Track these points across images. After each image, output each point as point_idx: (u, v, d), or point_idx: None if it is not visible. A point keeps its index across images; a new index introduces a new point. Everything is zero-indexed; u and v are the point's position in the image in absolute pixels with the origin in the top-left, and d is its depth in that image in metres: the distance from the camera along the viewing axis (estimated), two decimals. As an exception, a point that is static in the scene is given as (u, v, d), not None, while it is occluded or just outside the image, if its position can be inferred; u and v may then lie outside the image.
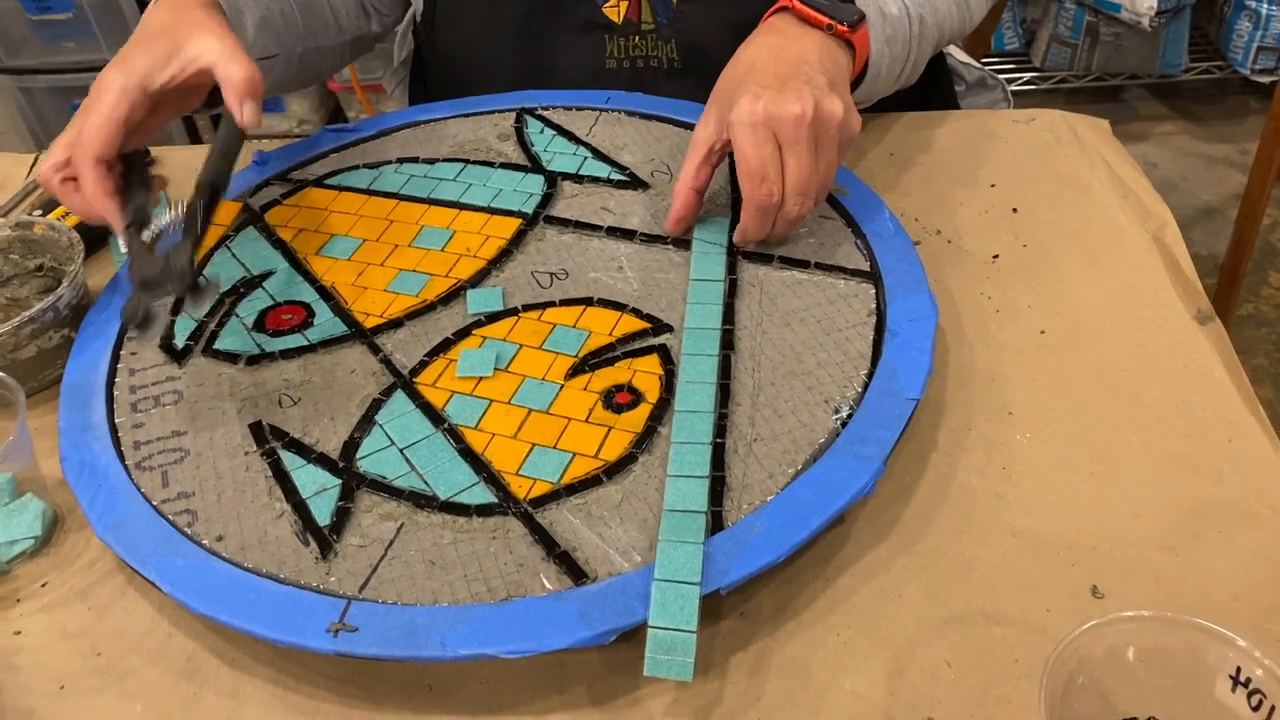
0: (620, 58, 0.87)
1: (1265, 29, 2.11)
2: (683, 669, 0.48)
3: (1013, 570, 0.55)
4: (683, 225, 0.70)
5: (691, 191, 0.68)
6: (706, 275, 0.67)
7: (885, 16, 0.78)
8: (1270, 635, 0.51)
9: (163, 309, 0.65)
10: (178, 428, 0.62)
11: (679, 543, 0.52)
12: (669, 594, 0.50)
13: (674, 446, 0.58)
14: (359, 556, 0.54)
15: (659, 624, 0.49)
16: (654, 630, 0.49)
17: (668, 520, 0.54)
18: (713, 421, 0.59)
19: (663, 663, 0.48)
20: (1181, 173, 2.17)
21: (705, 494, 0.55)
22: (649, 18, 0.84)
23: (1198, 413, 0.62)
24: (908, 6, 0.79)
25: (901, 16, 0.79)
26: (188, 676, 0.54)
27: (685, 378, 0.61)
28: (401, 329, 0.67)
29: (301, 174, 0.81)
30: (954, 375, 0.65)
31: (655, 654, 0.49)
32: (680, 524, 0.53)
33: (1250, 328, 1.83)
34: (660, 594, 0.50)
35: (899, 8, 0.78)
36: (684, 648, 0.49)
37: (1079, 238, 0.75)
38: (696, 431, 0.58)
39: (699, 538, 0.53)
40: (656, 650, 0.49)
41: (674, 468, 0.57)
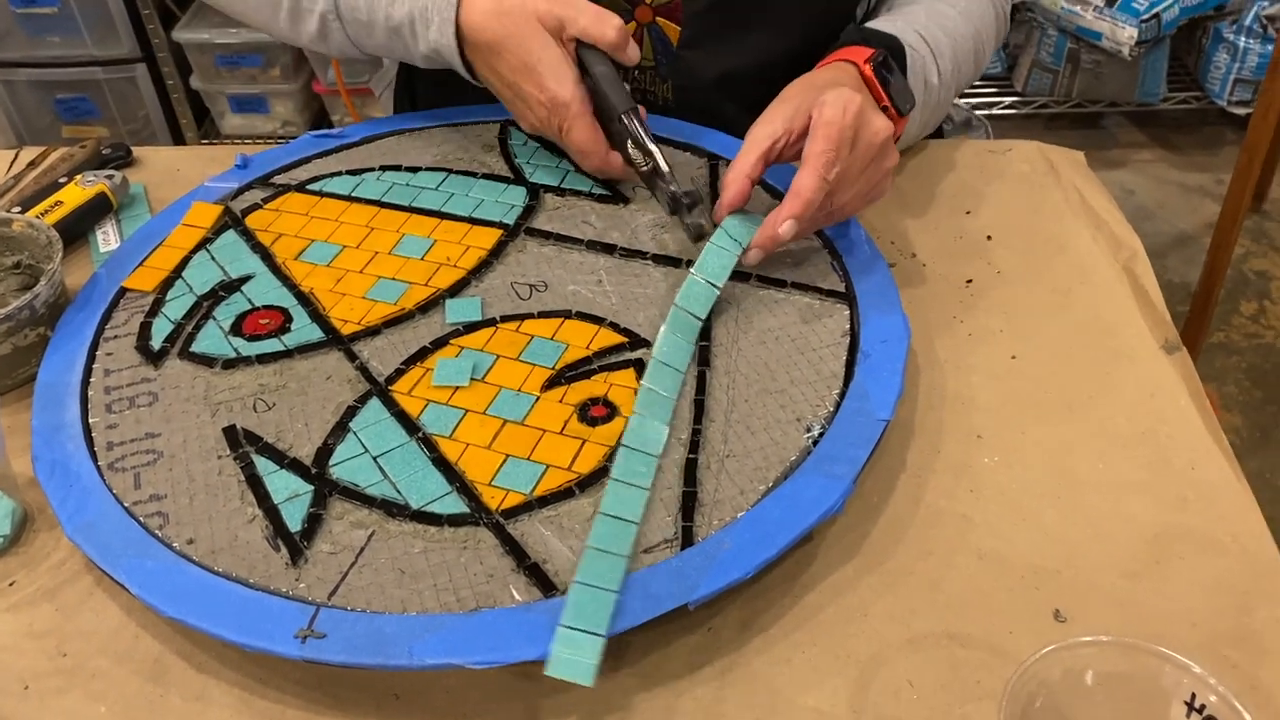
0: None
1: (1242, 62, 2.14)
2: (585, 672, 0.49)
3: (977, 592, 0.56)
4: (793, 231, 0.67)
5: (747, 180, 0.68)
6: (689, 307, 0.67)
7: (928, 87, 0.79)
8: (1228, 662, 0.52)
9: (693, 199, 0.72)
10: (151, 429, 0.62)
11: (604, 552, 0.53)
12: (585, 597, 0.51)
13: (622, 450, 0.58)
14: (329, 563, 0.54)
15: (570, 624, 0.50)
16: (564, 629, 0.50)
17: (600, 525, 0.54)
18: (665, 433, 0.59)
19: (566, 662, 0.49)
20: (1158, 200, 2.19)
21: (642, 505, 0.56)
22: (649, 55, 0.85)
23: (1163, 440, 0.63)
24: (942, 74, 0.80)
25: (938, 86, 0.80)
26: (154, 679, 0.54)
27: (648, 383, 0.62)
28: (379, 336, 0.67)
29: (284, 179, 0.81)
30: (924, 397, 0.66)
31: (560, 652, 0.49)
32: (612, 532, 0.54)
33: (1221, 356, 1.85)
34: (577, 596, 0.51)
35: (938, 78, 0.80)
36: (590, 651, 0.49)
37: (1051, 266, 0.76)
38: (648, 440, 0.59)
39: (625, 550, 0.53)
40: (563, 649, 0.49)
41: (618, 471, 0.57)
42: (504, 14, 0.72)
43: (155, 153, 0.91)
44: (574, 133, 0.74)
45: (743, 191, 0.68)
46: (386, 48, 0.80)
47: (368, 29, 0.79)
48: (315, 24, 0.80)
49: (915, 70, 0.77)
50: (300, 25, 0.81)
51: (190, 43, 2.15)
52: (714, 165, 0.80)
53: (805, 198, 0.65)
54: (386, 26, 0.77)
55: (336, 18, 0.79)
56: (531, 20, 0.72)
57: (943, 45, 0.80)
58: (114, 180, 0.83)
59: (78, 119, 2.24)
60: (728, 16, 0.83)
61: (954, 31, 0.82)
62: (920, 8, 0.83)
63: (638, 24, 0.84)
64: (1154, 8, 2.07)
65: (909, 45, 0.76)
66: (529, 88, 0.73)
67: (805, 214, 0.66)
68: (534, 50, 0.72)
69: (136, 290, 0.72)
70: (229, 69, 2.20)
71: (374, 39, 0.80)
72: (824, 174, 0.65)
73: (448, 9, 0.74)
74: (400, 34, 0.77)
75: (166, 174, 0.88)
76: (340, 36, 0.81)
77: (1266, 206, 2.16)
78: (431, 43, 0.76)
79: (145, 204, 0.85)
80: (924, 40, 0.79)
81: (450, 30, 0.74)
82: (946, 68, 0.80)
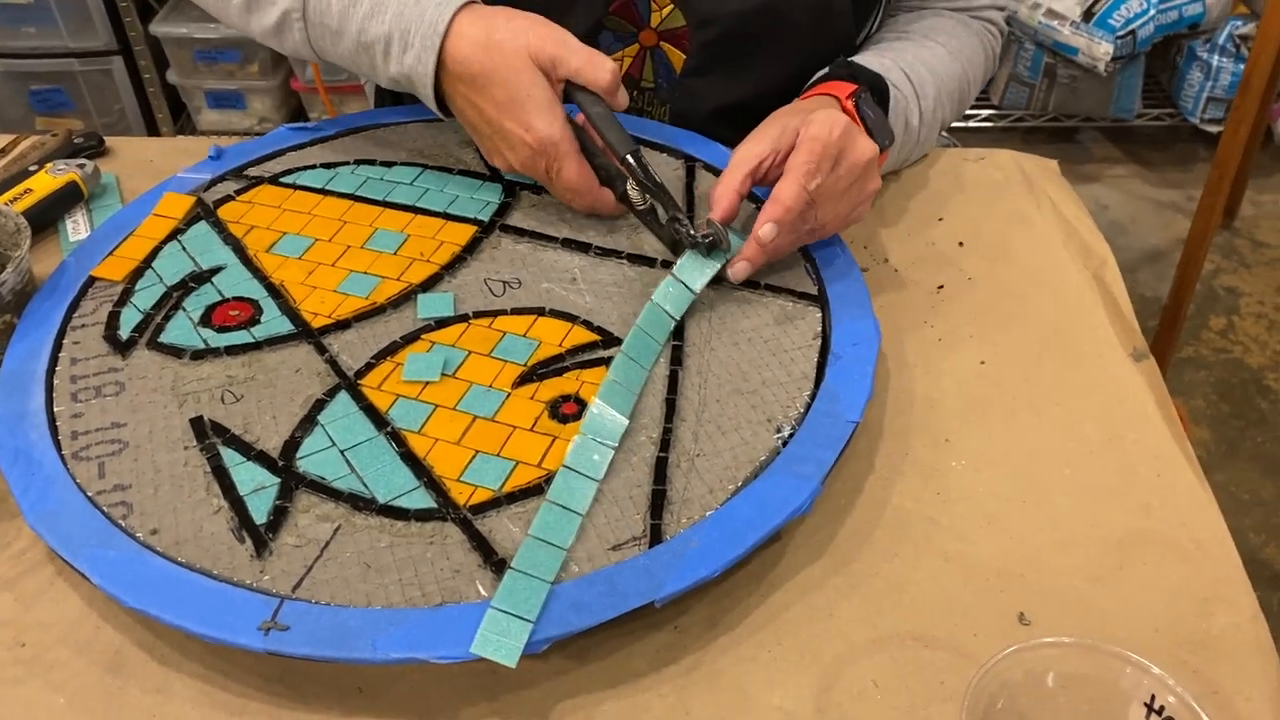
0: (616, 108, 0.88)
1: (1215, 80, 2.17)
2: (509, 652, 0.49)
3: (942, 594, 0.56)
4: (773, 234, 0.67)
5: (736, 195, 0.68)
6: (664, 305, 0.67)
7: (908, 127, 0.79)
8: (1188, 666, 0.53)
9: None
10: (117, 419, 0.61)
11: (545, 543, 0.53)
12: (519, 583, 0.51)
13: (578, 439, 0.58)
14: (294, 556, 0.54)
15: (500, 607, 0.50)
16: (494, 611, 0.50)
17: (545, 513, 0.55)
18: (624, 426, 0.59)
19: (492, 641, 0.49)
20: (1131, 215, 2.22)
21: (590, 497, 0.56)
22: (650, 77, 0.85)
23: (1129, 447, 0.64)
24: (923, 114, 0.80)
25: (918, 126, 0.80)
26: (114, 670, 0.53)
27: (613, 376, 0.62)
28: (349, 330, 0.67)
29: (257, 171, 0.81)
30: (894, 400, 0.66)
31: (488, 633, 0.49)
32: (555, 521, 0.54)
33: (1190, 370, 1.87)
34: (511, 581, 0.51)
35: (918, 118, 0.80)
36: (517, 633, 0.50)
37: (1022, 273, 0.76)
38: (605, 431, 0.59)
39: (566, 542, 0.54)
40: (490, 630, 0.49)
41: (571, 459, 0.57)
42: (493, 47, 0.69)
43: (128, 143, 0.90)
44: (564, 172, 0.71)
45: (732, 207, 0.68)
46: (349, 60, 0.76)
47: (335, 37, 0.75)
48: (274, 18, 0.76)
49: (897, 111, 0.77)
50: (256, 16, 0.77)
51: (168, 37, 2.13)
52: (691, 167, 0.80)
53: (786, 204, 0.66)
54: (357, 41, 0.73)
55: (301, 18, 0.75)
56: (523, 55, 0.69)
57: (927, 85, 0.81)
58: (85, 169, 0.82)
59: (52, 111, 2.22)
60: (736, 48, 0.83)
61: (940, 71, 0.82)
62: (910, 45, 0.83)
63: (641, 47, 0.83)
64: (1130, 25, 2.09)
65: (893, 84, 0.77)
66: (512, 125, 0.70)
67: (785, 219, 0.66)
68: (523, 86, 0.69)
69: (105, 279, 0.71)
70: (207, 64, 2.18)
71: (338, 49, 0.75)
72: (805, 183, 0.66)
73: (432, 36, 0.70)
74: (370, 51, 0.73)
75: (139, 165, 0.88)
76: (300, 37, 0.77)
77: (1237, 223, 2.19)
78: (406, 67, 0.72)
79: (117, 194, 0.84)
80: (909, 79, 0.80)
81: (432, 59, 0.70)
82: (928, 106, 0.81)
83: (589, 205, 0.73)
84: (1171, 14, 2.12)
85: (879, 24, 0.88)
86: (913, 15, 0.88)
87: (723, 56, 0.83)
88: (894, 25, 0.88)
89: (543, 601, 0.51)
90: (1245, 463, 1.71)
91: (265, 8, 0.77)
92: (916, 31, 0.85)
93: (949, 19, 0.87)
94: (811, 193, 0.66)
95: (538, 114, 0.69)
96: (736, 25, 0.81)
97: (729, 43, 0.82)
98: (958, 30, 0.86)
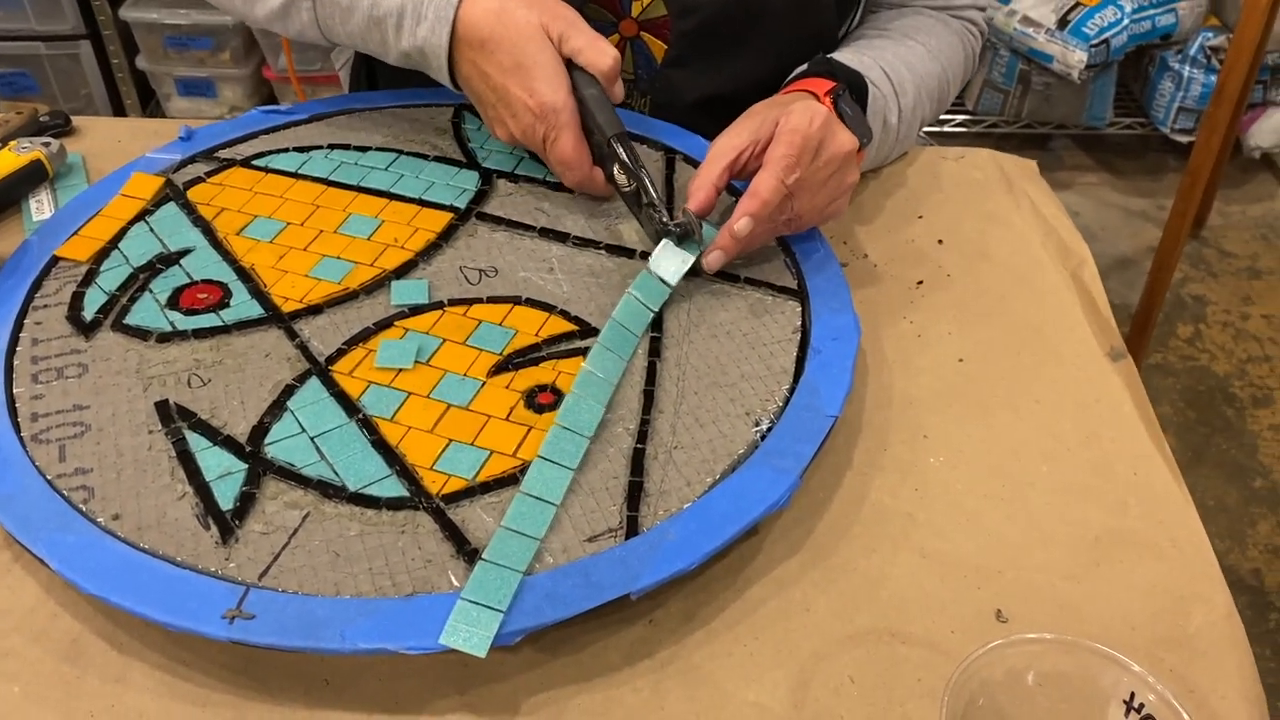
0: None
1: (1186, 91, 2.19)
2: (479, 643, 0.48)
3: (920, 590, 0.56)
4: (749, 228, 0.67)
5: (713, 188, 0.68)
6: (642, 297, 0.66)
7: (886, 125, 0.79)
8: (1164, 664, 0.53)
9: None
10: (80, 401, 0.60)
11: (518, 534, 0.53)
12: (490, 574, 0.51)
13: (554, 429, 0.57)
14: (261, 543, 0.52)
15: (470, 598, 0.49)
16: (464, 602, 0.49)
17: (518, 504, 0.54)
18: (600, 414, 0.59)
19: (461, 632, 0.48)
20: (1101, 222, 2.23)
21: (564, 487, 0.55)
22: (630, 68, 0.84)
23: (1106, 446, 0.63)
24: (901, 112, 0.80)
25: (896, 125, 0.80)
26: (71, 659, 0.52)
27: (589, 366, 0.61)
28: (321, 315, 0.65)
29: (229, 153, 0.79)
30: (873, 396, 0.66)
31: (457, 623, 0.48)
32: (529, 511, 0.54)
33: (1158, 377, 1.89)
34: (482, 572, 0.51)
35: (897, 116, 0.79)
36: (487, 623, 0.49)
37: (1001, 271, 0.76)
38: (581, 421, 0.58)
39: (539, 532, 0.53)
40: (460, 620, 0.49)
41: (546, 449, 0.57)
42: (506, 15, 0.70)
43: (95, 123, 0.88)
44: (560, 143, 0.70)
45: (708, 199, 0.68)
46: (359, 37, 0.76)
47: (345, 14, 0.75)
48: (280, 0, 0.76)
49: (875, 109, 0.77)
50: (260, 1, 0.77)
51: (138, 21, 2.10)
52: (670, 159, 0.79)
53: (763, 197, 0.65)
54: (369, 16, 0.73)
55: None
56: (535, 25, 0.70)
57: (906, 84, 0.80)
58: (51, 148, 0.80)
59: (17, 95, 2.18)
60: (717, 39, 0.82)
61: (920, 71, 0.82)
62: (890, 43, 0.83)
63: (621, 37, 0.83)
64: (1104, 33, 2.10)
65: (872, 83, 0.76)
66: (517, 90, 0.70)
67: (762, 213, 0.66)
68: (530, 53, 0.69)
69: (70, 260, 0.69)
70: (177, 50, 2.15)
71: (347, 26, 0.76)
72: (782, 177, 0.65)
73: (446, 7, 0.71)
74: (382, 25, 0.73)
75: (107, 144, 0.86)
76: (308, 18, 0.77)
77: (1205, 233, 2.21)
78: (419, 39, 0.72)
79: (83, 174, 0.82)
80: (888, 78, 0.79)
81: (446, 30, 0.71)
82: (907, 105, 0.80)
83: (580, 180, 0.73)
84: (1145, 24, 2.14)
85: (860, 19, 0.88)
86: (893, 13, 0.87)
87: (703, 47, 0.82)
88: (874, 22, 0.87)
89: (514, 592, 0.50)
90: (1210, 469, 1.73)
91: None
92: (897, 30, 0.85)
93: (929, 18, 0.87)
94: (790, 186, 0.66)
95: (543, 80, 0.69)
96: (717, 15, 0.80)
97: (709, 33, 0.81)
98: (938, 29, 0.86)
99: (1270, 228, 2.24)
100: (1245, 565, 1.58)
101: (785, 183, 0.65)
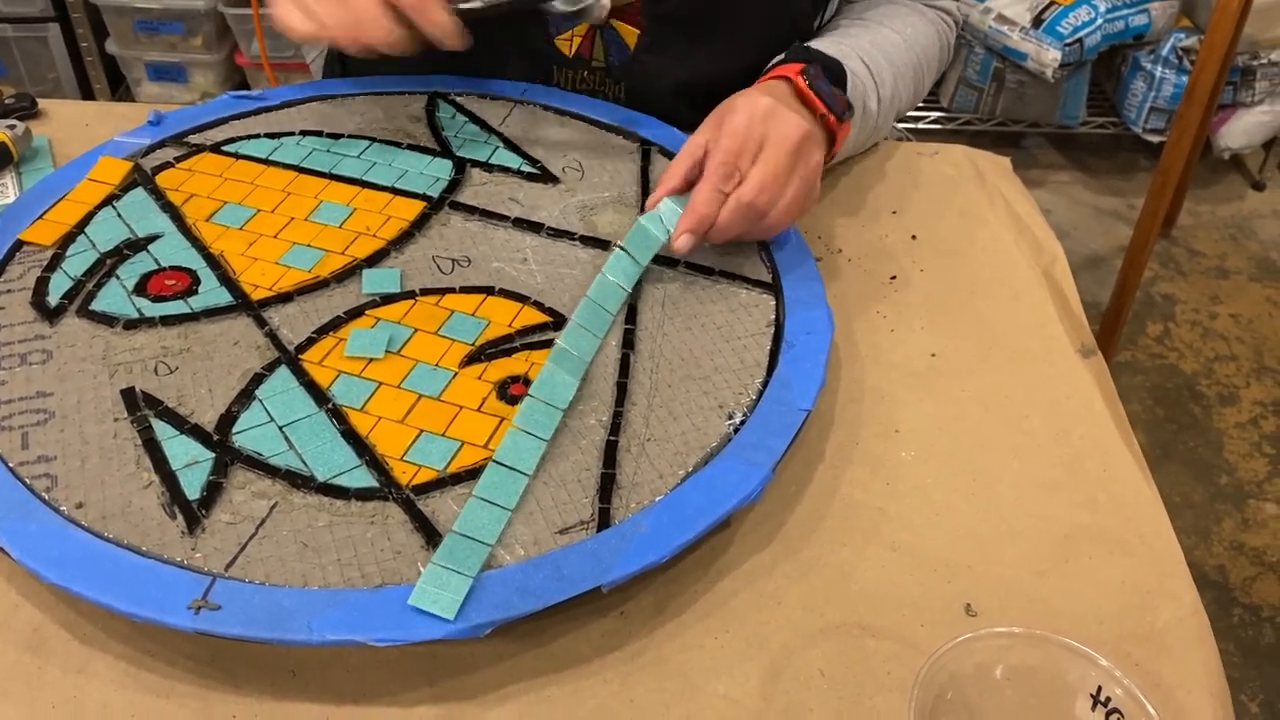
0: (566, 88, 0.86)
1: (1158, 91, 2.21)
2: (448, 605, 0.48)
3: (890, 584, 0.56)
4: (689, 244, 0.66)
5: (682, 179, 0.67)
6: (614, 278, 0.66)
7: (866, 112, 0.78)
8: (1130, 659, 0.53)
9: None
10: (43, 388, 0.59)
11: (489, 503, 0.53)
12: (460, 545, 0.51)
13: (528, 401, 0.58)
14: (227, 533, 0.52)
15: (441, 563, 0.50)
16: (434, 566, 0.50)
17: (490, 473, 0.54)
18: (575, 388, 0.59)
19: (430, 594, 0.49)
20: (1073, 221, 2.25)
21: (537, 457, 0.55)
22: (600, 56, 0.84)
23: (1076, 442, 0.64)
24: (880, 100, 0.80)
25: (875, 111, 0.80)
26: (32, 650, 0.51)
27: (562, 342, 0.61)
28: (291, 304, 0.65)
29: (198, 138, 0.78)
30: (845, 390, 0.66)
31: (426, 586, 0.49)
32: (500, 481, 0.54)
33: (1127, 375, 1.91)
34: (452, 542, 0.51)
35: (876, 103, 0.79)
36: (456, 587, 0.49)
37: (974, 267, 0.76)
38: (555, 393, 0.58)
39: (511, 502, 0.53)
40: (429, 583, 0.49)
41: (520, 419, 0.57)
42: None
43: (62, 105, 0.87)
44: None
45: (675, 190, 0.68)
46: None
47: None
48: None
49: (855, 96, 0.76)
50: None
51: (108, 4, 2.07)
52: (646, 150, 0.79)
53: (699, 211, 0.65)
54: None
55: None
56: None
57: (884, 72, 0.80)
58: (15, 131, 0.79)
59: (-18, 78, 2.15)
60: (689, 24, 0.82)
61: (896, 59, 0.82)
62: (865, 32, 0.83)
63: (590, 25, 0.82)
64: (1078, 32, 2.12)
65: (850, 71, 0.76)
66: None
67: (700, 228, 0.65)
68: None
69: (34, 244, 0.68)
70: (148, 35, 2.13)
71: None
72: (718, 185, 0.65)
73: None
74: None
75: (74, 128, 0.85)
76: None
77: (1175, 232, 2.23)
78: None
79: (49, 157, 0.81)
80: (865, 66, 0.79)
81: None
82: (886, 94, 0.80)
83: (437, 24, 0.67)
84: (1118, 24, 2.16)
85: (837, 8, 0.88)
86: (868, 3, 0.87)
87: (677, 32, 0.82)
88: (850, 12, 0.87)
89: (483, 560, 0.50)
90: (1178, 466, 1.74)
91: None
92: (872, 19, 0.85)
93: (904, 7, 0.87)
94: (728, 193, 0.65)
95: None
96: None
97: (683, 17, 0.81)
98: (913, 19, 0.86)
99: (1239, 228, 2.26)
100: (1210, 561, 1.60)
101: (722, 190, 0.65)
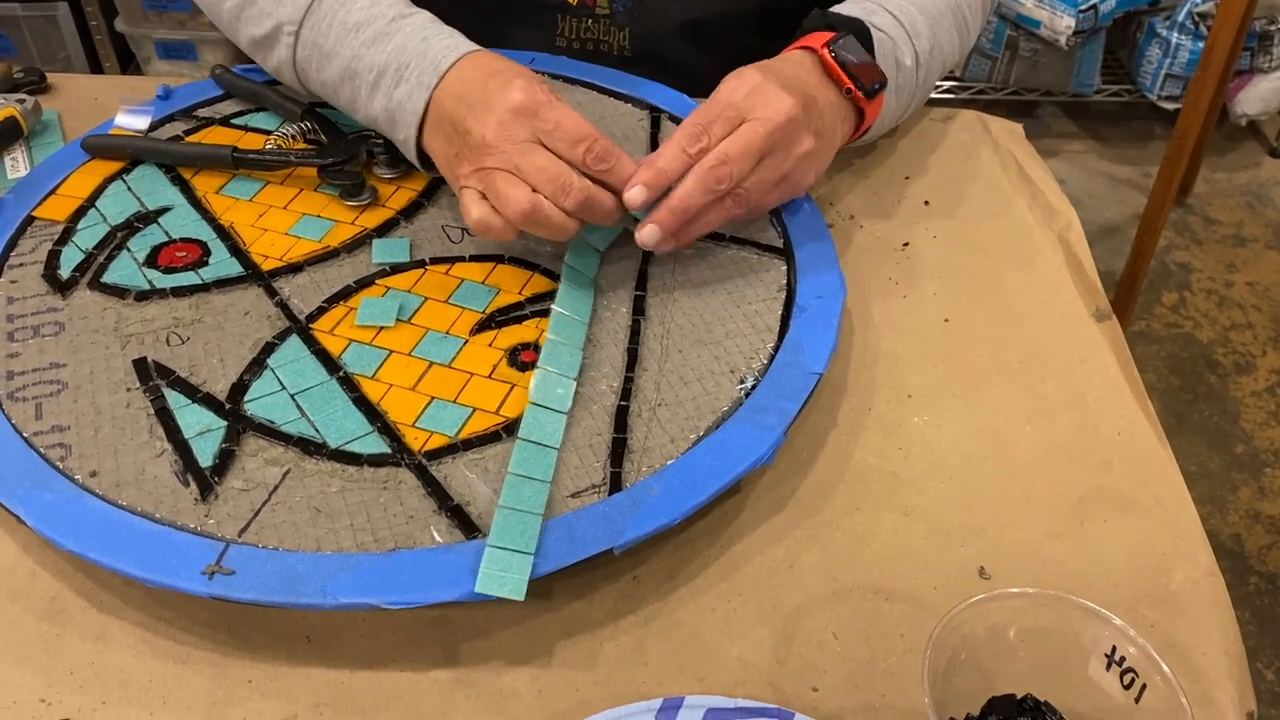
0: (571, 38, 0.85)
1: (1173, 58, 2.18)
2: (516, 587, 0.48)
3: (903, 548, 0.56)
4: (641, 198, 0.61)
5: (662, 171, 0.61)
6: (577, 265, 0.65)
7: (900, 67, 0.74)
8: (1145, 621, 0.53)
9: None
10: (57, 359, 0.59)
11: (527, 478, 0.53)
12: (511, 519, 0.51)
13: (539, 373, 0.57)
14: (240, 500, 0.52)
15: (498, 544, 0.49)
16: (492, 549, 0.49)
17: (520, 450, 0.54)
18: (573, 388, 0.58)
19: (496, 579, 0.48)
20: (1087, 190, 2.23)
21: (562, 429, 0.55)
22: (604, 3, 0.83)
23: (1090, 406, 0.63)
24: (918, 55, 0.75)
25: (913, 68, 0.75)
26: (50, 618, 0.51)
27: (552, 335, 0.60)
28: (301, 274, 0.65)
29: (207, 112, 0.78)
30: (858, 356, 0.66)
31: (490, 570, 0.49)
32: (531, 457, 0.54)
33: (1142, 344, 1.89)
34: (503, 519, 0.51)
35: (913, 59, 0.75)
36: (519, 567, 0.49)
37: (987, 232, 0.76)
38: (563, 363, 0.58)
39: (547, 475, 0.53)
40: (492, 567, 0.49)
41: (536, 394, 0.57)
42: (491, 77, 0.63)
43: (72, 80, 0.87)
44: (563, 121, 0.60)
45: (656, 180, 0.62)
46: (330, 87, 0.71)
47: (324, 59, 0.70)
48: (266, 28, 0.72)
49: (884, 54, 0.72)
50: (246, 25, 0.74)
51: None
52: (656, 118, 0.78)
53: (656, 165, 0.60)
54: (348, 67, 0.68)
55: (295, 33, 0.71)
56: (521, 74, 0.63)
57: (919, 24, 0.76)
58: (25, 105, 0.79)
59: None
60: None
61: (931, 9, 0.77)
62: None
63: None
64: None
65: (875, 27, 0.72)
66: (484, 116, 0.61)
67: (654, 182, 0.60)
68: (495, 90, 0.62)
69: (46, 219, 0.68)
70: (157, 13, 2.12)
71: (323, 74, 0.71)
72: (684, 145, 0.61)
73: (431, 74, 0.65)
74: (356, 80, 0.68)
75: (83, 102, 0.84)
76: (286, 55, 0.72)
77: (1190, 200, 2.21)
78: (394, 102, 0.66)
79: (59, 132, 0.81)
80: (898, 21, 0.75)
81: (424, 96, 0.65)
82: (924, 47, 0.76)
83: (603, 150, 0.61)
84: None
85: None
86: None
87: None
88: None
89: (538, 533, 0.50)
90: (1193, 435, 1.74)
91: (260, 19, 0.73)
92: None
93: None
94: (693, 156, 0.61)
95: (510, 90, 0.61)
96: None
97: None
98: None
99: (1255, 195, 2.24)
100: (1226, 530, 1.59)
101: (688, 151, 0.61)
